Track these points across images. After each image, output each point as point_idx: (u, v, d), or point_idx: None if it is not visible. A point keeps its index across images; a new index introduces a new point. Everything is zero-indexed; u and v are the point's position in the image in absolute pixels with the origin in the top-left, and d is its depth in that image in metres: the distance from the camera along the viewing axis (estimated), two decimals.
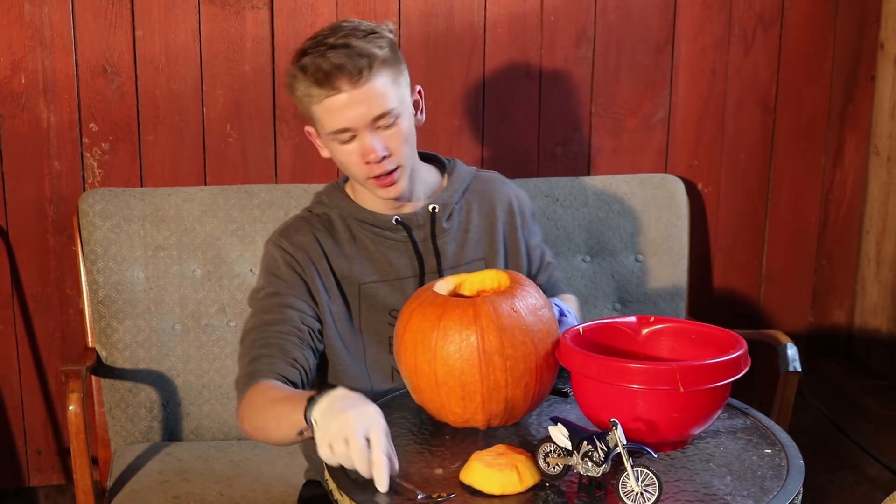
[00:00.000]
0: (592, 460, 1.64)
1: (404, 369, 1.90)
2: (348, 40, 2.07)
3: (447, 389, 1.83)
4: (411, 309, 1.89)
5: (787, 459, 1.80)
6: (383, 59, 2.08)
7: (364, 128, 2.09)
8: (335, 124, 2.09)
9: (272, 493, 2.54)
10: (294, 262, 2.18)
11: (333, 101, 2.07)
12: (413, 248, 2.24)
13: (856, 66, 3.34)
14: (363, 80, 2.06)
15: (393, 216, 2.23)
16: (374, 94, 2.08)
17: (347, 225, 2.24)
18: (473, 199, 2.32)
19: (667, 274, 3.09)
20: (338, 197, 2.27)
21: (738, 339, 1.84)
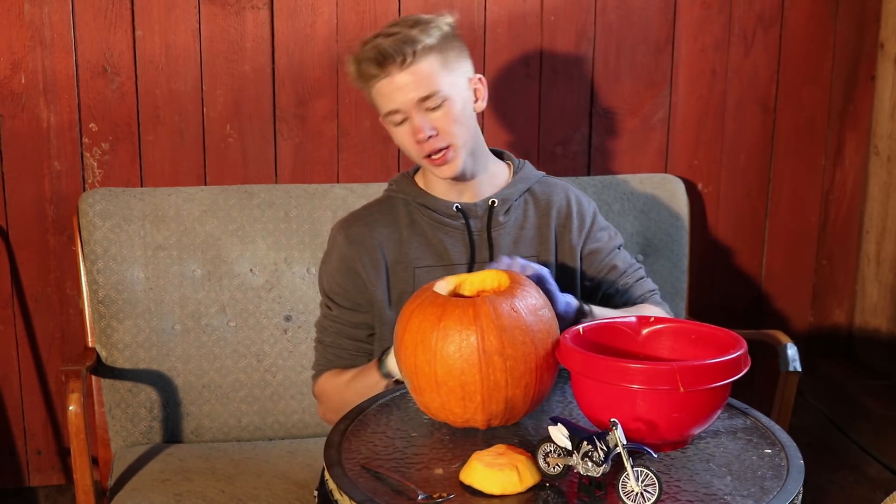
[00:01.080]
0: (592, 460, 1.64)
1: (404, 369, 1.90)
2: (399, 29, 2.25)
3: (447, 389, 1.83)
4: (411, 309, 1.89)
5: (787, 459, 1.80)
6: (430, 45, 2.24)
7: (412, 109, 2.25)
8: (386, 106, 2.27)
9: (274, 491, 2.55)
10: (347, 257, 2.37)
11: (383, 85, 2.26)
12: (468, 236, 2.36)
13: (856, 66, 3.34)
14: (408, 64, 2.22)
15: (454, 203, 2.36)
16: (420, 77, 2.23)
17: (409, 210, 2.39)
18: (533, 200, 2.43)
19: (667, 274, 3.09)
20: (405, 182, 2.43)
21: (738, 339, 1.84)
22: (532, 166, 2.49)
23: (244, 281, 2.85)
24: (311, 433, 2.89)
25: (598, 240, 2.45)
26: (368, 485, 1.71)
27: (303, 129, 3.06)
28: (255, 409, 2.86)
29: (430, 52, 2.24)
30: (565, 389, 2.10)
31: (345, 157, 3.10)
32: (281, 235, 2.87)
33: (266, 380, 2.86)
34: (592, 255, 2.43)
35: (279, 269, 2.86)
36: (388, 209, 2.41)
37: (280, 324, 2.87)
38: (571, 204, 2.45)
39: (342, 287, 2.38)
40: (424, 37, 2.23)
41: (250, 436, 2.86)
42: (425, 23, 2.26)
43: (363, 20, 3.03)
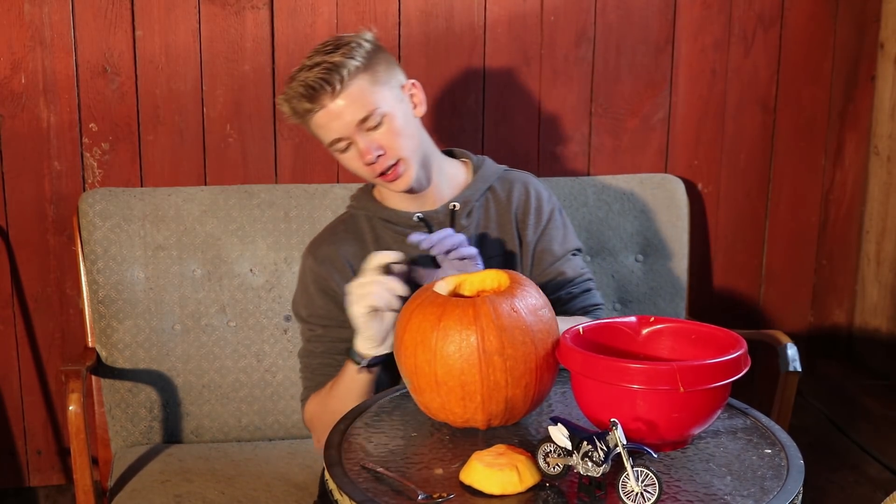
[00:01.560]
0: (592, 460, 1.64)
1: (404, 369, 1.90)
2: (321, 58, 2.23)
3: (447, 389, 1.83)
4: (411, 309, 1.89)
5: (788, 459, 1.80)
6: (356, 66, 2.22)
7: (354, 133, 2.24)
8: (328, 136, 2.27)
9: (274, 492, 2.55)
10: (320, 278, 2.36)
11: (320, 117, 2.25)
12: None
13: (856, 66, 3.34)
14: (339, 91, 2.21)
15: (415, 214, 2.34)
16: (354, 100, 2.22)
17: (372, 225, 2.38)
18: (494, 198, 2.41)
19: (667, 274, 3.10)
20: (364, 199, 2.43)
21: (738, 339, 1.84)
22: (492, 161, 2.47)
23: (244, 281, 2.85)
24: (310, 433, 2.88)
25: (551, 239, 2.43)
26: (368, 485, 1.71)
27: (303, 129, 3.05)
28: (255, 409, 2.86)
29: (358, 73, 2.22)
30: (565, 389, 2.10)
31: None
32: (281, 235, 2.87)
33: (266, 380, 2.86)
34: (543, 254, 2.41)
35: (279, 269, 2.86)
36: (352, 226, 2.41)
37: (280, 324, 2.87)
38: (531, 199, 2.43)
39: (323, 308, 2.37)
40: (348, 60, 2.22)
41: (250, 436, 2.86)
42: (346, 44, 2.25)
43: (363, 20, 3.03)
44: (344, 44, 2.25)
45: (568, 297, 2.39)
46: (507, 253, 2.38)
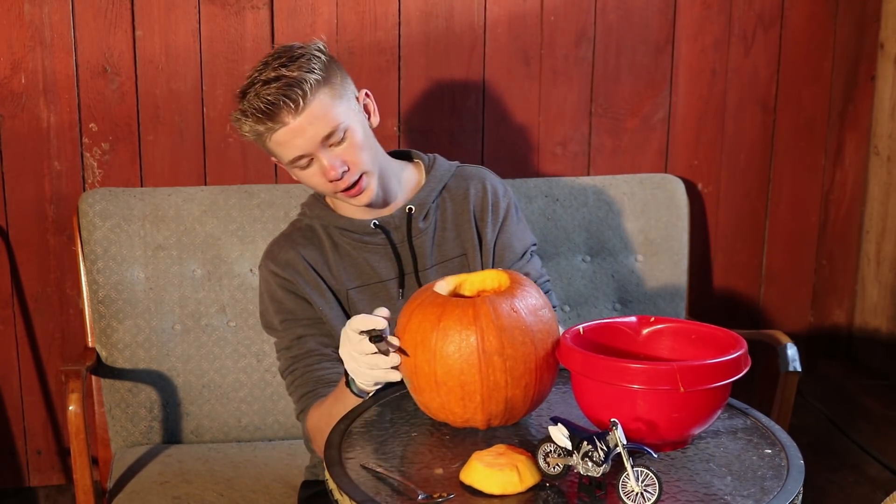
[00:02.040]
0: (592, 460, 1.64)
1: (404, 369, 1.90)
2: (279, 72, 2.12)
3: (447, 389, 1.83)
4: (411, 309, 1.89)
5: (788, 459, 1.80)
6: (316, 80, 2.12)
7: (317, 150, 2.15)
8: (289, 154, 2.16)
9: (272, 494, 2.55)
10: (286, 281, 2.27)
11: (281, 135, 2.14)
12: (392, 250, 2.29)
13: (856, 66, 3.34)
14: (301, 108, 2.11)
15: (371, 220, 2.28)
16: (316, 117, 2.13)
17: (329, 234, 2.31)
18: (450, 197, 2.35)
19: (667, 274, 3.09)
20: (318, 207, 2.34)
21: (738, 339, 1.84)
22: (444, 159, 2.40)
23: (244, 281, 2.85)
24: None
25: (511, 235, 2.36)
26: (368, 485, 1.71)
27: None
28: (255, 409, 2.86)
29: (319, 88, 2.12)
30: (566, 389, 2.10)
31: None
32: None
33: (266, 380, 2.86)
34: (504, 251, 2.35)
35: None
36: (309, 234, 2.33)
37: None
38: (487, 194, 2.36)
39: (298, 308, 2.27)
40: (307, 73, 2.11)
41: (250, 436, 2.86)
42: (300, 56, 2.14)
43: (363, 20, 3.03)
44: (298, 56, 2.14)
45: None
46: (467, 252, 2.33)
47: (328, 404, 2.13)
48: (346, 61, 3.04)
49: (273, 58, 2.17)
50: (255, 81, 2.14)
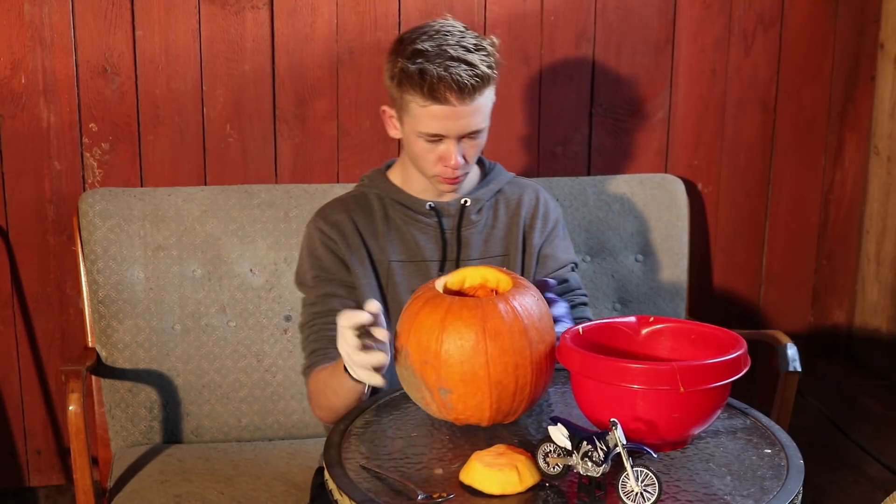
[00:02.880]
0: (592, 460, 1.65)
1: (404, 369, 1.90)
2: (462, 55, 2.15)
3: (450, 387, 1.84)
4: (415, 310, 1.88)
5: (787, 459, 1.81)
6: (491, 78, 2.19)
7: (455, 137, 2.20)
8: (431, 128, 2.19)
9: (273, 493, 2.55)
10: (330, 240, 2.31)
11: (439, 111, 2.17)
12: (440, 234, 2.35)
13: (856, 66, 3.34)
14: (471, 99, 2.16)
15: (427, 202, 2.34)
16: (476, 112, 2.19)
17: (383, 205, 2.37)
18: (504, 200, 2.43)
19: (667, 274, 3.10)
20: (378, 178, 2.40)
21: (738, 339, 1.84)
22: (503, 168, 2.48)
23: (244, 281, 2.85)
24: (311, 433, 2.89)
25: (556, 246, 2.44)
26: (368, 485, 1.71)
27: (303, 129, 3.06)
28: (255, 409, 2.86)
29: (489, 86, 2.20)
30: (565, 389, 2.10)
31: (345, 157, 3.10)
32: (281, 235, 2.87)
33: (266, 380, 2.86)
34: (548, 259, 2.43)
35: (279, 269, 2.86)
36: (364, 202, 2.38)
37: (280, 324, 2.87)
38: (539, 205, 2.45)
39: (333, 267, 2.31)
40: (488, 69, 2.17)
41: (250, 436, 2.86)
42: (481, 48, 2.19)
43: (363, 20, 3.03)
44: (480, 46, 2.19)
45: (570, 305, 2.39)
46: (509, 253, 2.40)
47: (326, 375, 2.16)
48: (346, 61, 3.04)
49: (452, 34, 2.19)
50: (443, 52, 2.15)
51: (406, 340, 1.88)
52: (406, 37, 2.23)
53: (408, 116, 2.22)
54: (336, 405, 2.11)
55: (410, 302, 1.92)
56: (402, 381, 1.93)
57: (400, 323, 1.92)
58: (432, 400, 1.88)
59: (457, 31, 2.21)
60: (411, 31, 2.24)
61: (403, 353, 1.89)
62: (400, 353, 1.90)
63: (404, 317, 1.91)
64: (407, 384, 1.93)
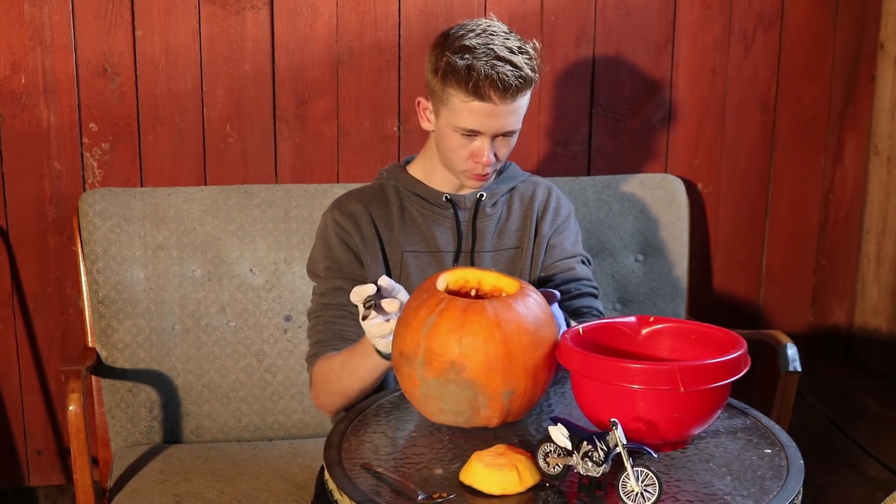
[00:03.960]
0: (592, 460, 1.65)
1: (410, 381, 1.89)
2: (508, 56, 2.18)
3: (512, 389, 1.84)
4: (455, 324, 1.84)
5: (787, 459, 1.81)
6: (533, 81, 2.23)
7: (490, 135, 2.23)
8: (469, 124, 2.22)
9: (273, 492, 2.54)
10: (344, 232, 2.34)
11: (479, 107, 2.20)
12: (456, 226, 2.38)
13: (856, 66, 3.34)
14: (512, 99, 2.20)
15: (444, 194, 2.38)
16: (514, 112, 2.23)
17: (399, 196, 2.40)
18: (518, 195, 2.47)
19: (667, 274, 3.10)
20: (396, 171, 2.43)
21: (738, 339, 1.84)
22: (518, 167, 2.52)
23: (244, 281, 2.85)
24: (311, 433, 2.89)
25: (565, 238, 2.47)
26: (368, 485, 1.71)
27: (303, 129, 3.06)
28: (255, 409, 2.86)
29: (529, 89, 2.23)
30: (565, 389, 2.10)
31: (345, 157, 3.10)
32: (281, 235, 2.87)
33: (266, 380, 2.86)
34: (555, 248, 2.45)
35: (279, 269, 2.86)
36: (381, 194, 2.41)
37: (280, 324, 2.87)
38: (552, 199, 2.49)
39: (344, 259, 2.34)
40: (531, 72, 2.20)
41: (250, 436, 2.86)
42: (525, 51, 2.22)
43: (363, 20, 3.03)
44: (523, 49, 2.22)
45: (576, 292, 2.41)
46: (522, 245, 2.43)
47: (340, 359, 2.20)
48: (346, 61, 3.04)
49: (498, 35, 2.22)
50: (490, 51, 2.18)
51: (453, 358, 1.82)
52: (453, 32, 2.25)
53: (446, 109, 2.24)
54: (352, 386, 2.14)
55: (414, 306, 1.89)
56: (441, 400, 1.86)
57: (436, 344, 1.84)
58: (486, 407, 1.86)
59: (502, 31, 2.24)
60: (458, 26, 2.26)
61: (453, 371, 1.82)
62: (447, 373, 1.83)
63: (437, 337, 1.85)
64: (450, 402, 1.86)
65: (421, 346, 1.84)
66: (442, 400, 1.85)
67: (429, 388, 1.85)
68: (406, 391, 1.91)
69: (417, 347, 1.85)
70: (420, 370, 1.84)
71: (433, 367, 1.83)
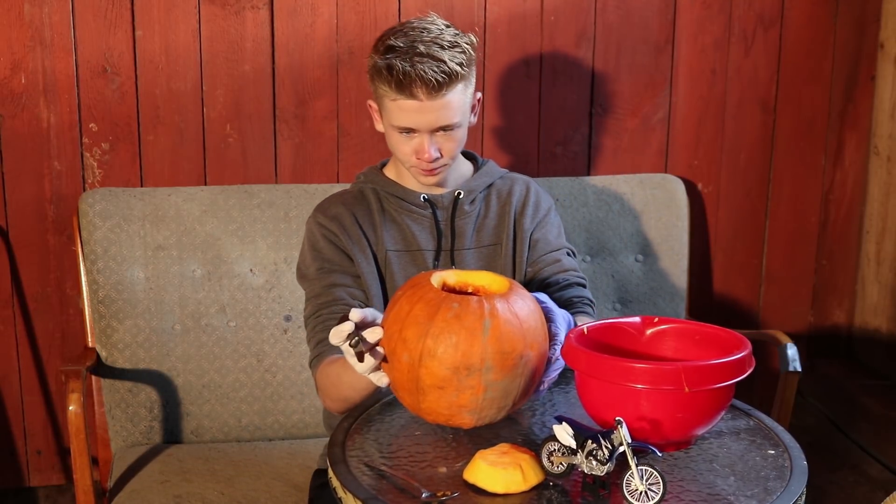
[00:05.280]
0: (597, 459, 1.65)
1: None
2: (435, 51, 2.20)
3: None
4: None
5: (791, 460, 1.81)
6: (461, 75, 2.23)
7: (426, 131, 2.25)
8: (402, 122, 2.25)
9: (273, 493, 2.55)
10: (330, 233, 2.35)
11: (407, 104, 2.22)
12: (435, 224, 2.39)
13: (856, 66, 3.34)
14: (439, 94, 2.21)
15: (421, 194, 2.40)
16: (445, 107, 2.23)
17: (378, 198, 2.42)
18: (496, 192, 2.48)
19: (667, 274, 3.10)
20: (373, 174, 2.45)
21: (742, 340, 1.85)
22: (495, 164, 2.53)
23: (244, 281, 2.85)
24: (311, 433, 2.89)
25: (547, 231, 2.48)
26: (372, 483, 1.71)
27: (303, 129, 3.06)
28: (255, 409, 2.86)
29: (459, 82, 2.23)
30: (569, 389, 2.10)
31: (345, 157, 3.10)
32: (281, 235, 2.87)
33: (266, 380, 2.86)
34: (539, 242, 2.45)
35: (279, 269, 2.86)
36: (360, 197, 2.43)
37: (280, 324, 2.86)
38: (530, 194, 2.49)
39: (336, 256, 2.34)
40: (457, 66, 2.21)
41: (250, 436, 2.86)
42: (455, 45, 2.23)
43: (363, 20, 3.03)
44: (454, 43, 2.24)
45: (564, 283, 2.40)
46: (501, 242, 2.43)
47: (339, 369, 2.15)
48: (346, 61, 3.04)
49: (429, 31, 2.25)
50: (412, 48, 2.20)
51: (522, 350, 1.81)
52: (385, 33, 2.29)
53: (383, 110, 2.29)
54: (352, 397, 2.13)
55: (492, 321, 1.81)
56: (504, 396, 1.84)
57: (504, 345, 1.80)
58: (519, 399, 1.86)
59: (435, 28, 2.26)
60: (392, 28, 2.30)
61: (522, 362, 1.81)
62: (516, 367, 1.81)
63: (504, 336, 1.81)
64: (510, 396, 1.84)
65: (487, 350, 1.78)
66: (505, 396, 1.83)
67: (496, 390, 1.81)
68: (461, 405, 1.83)
69: (484, 354, 1.78)
70: (489, 375, 1.79)
71: (505, 367, 1.80)
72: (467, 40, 2.28)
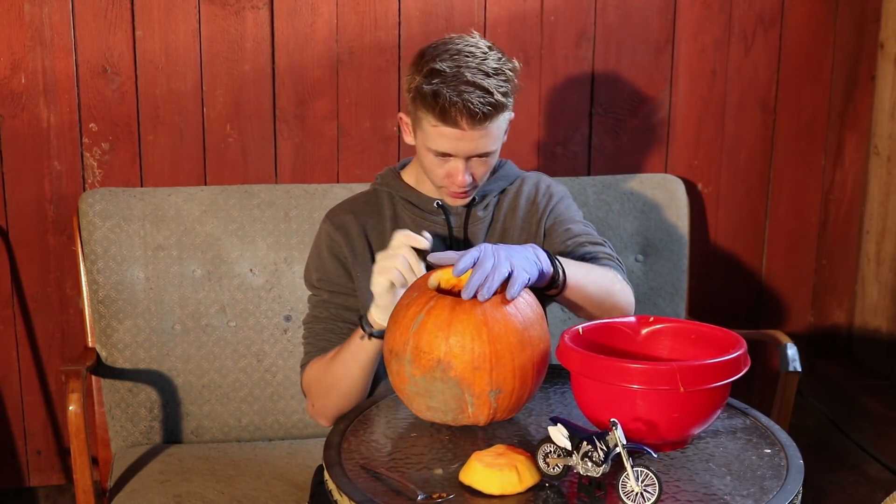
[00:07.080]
0: (592, 460, 1.64)
1: (400, 376, 1.89)
2: (480, 80, 2.14)
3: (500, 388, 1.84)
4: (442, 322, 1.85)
5: (787, 459, 1.81)
6: (504, 105, 2.19)
7: (463, 157, 2.21)
8: (441, 147, 2.20)
9: (273, 492, 2.55)
10: (334, 243, 2.35)
11: (448, 132, 2.17)
12: (448, 231, 2.37)
13: (856, 66, 3.34)
14: (482, 125, 2.16)
15: (435, 200, 2.36)
16: (485, 136, 2.19)
17: (393, 203, 2.40)
18: (509, 196, 2.44)
19: (667, 274, 3.09)
20: (391, 177, 2.43)
21: (737, 339, 1.84)
22: (513, 165, 2.49)
23: (244, 281, 2.85)
24: (310, 433, 2.89)
25: (561, 213, 2.43)
26: (368, 485, 1.71)
27: (303, 129, 3.07)
28: (255, 409, 2.86)
29: (502, 112, 2.19)
30: (565, 389, 2.10)
31: (345, 157, 3.11)
32: (281, 235, 2.87)
33: (266, 380, 2.86)
34: (555, 225, 2.41)
35: (279, 269, 2.86)
36: (374, 201, 2.41)
37: (280, 324, 2.87)
38: (541, 188, 2.44)
39: (333, 273, 2.35)
40: (502, 97, 2.16)
41: (250, 436, 2.87)
42: (499, 72, 2.18)
43: (363, 20, 3.03)
44: (498, 70, 2.18)
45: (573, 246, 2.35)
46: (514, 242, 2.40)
47: (330, 355, 2.23)
48: (346, 61, 3.04)
49: (474, 56, 2.18)
50: (459, 74, 2.14)
51: (440, 356, 1.83)
52: (427, 52, 2.22)
53: (420, 131, 2.24)
54: (342, 377, 2.16)
55: (425, 318, 1.87)
56: (428, 397, 1.88)
57: (423, 342, 1.85)
58: (473, 406, 1.86)
59: (479, 52, 2.19)
60: (434, 45, 2.23)
61: (439, 369, 1.83)
62: (433, 371, 1.84)
63: (425, 335, 1.86)
64: (437, 399, 1.87)
65: (409, 343, 1.85)
66: (429, 398, 1.86)
67: (416, 385, 1.86)
68: (396, 388, 1.92)
69: (406, 345, 1.86)
70: (408, 367, 1.85)
71: (420, 365, 1.84)
72: (510, 66, 2.21)
